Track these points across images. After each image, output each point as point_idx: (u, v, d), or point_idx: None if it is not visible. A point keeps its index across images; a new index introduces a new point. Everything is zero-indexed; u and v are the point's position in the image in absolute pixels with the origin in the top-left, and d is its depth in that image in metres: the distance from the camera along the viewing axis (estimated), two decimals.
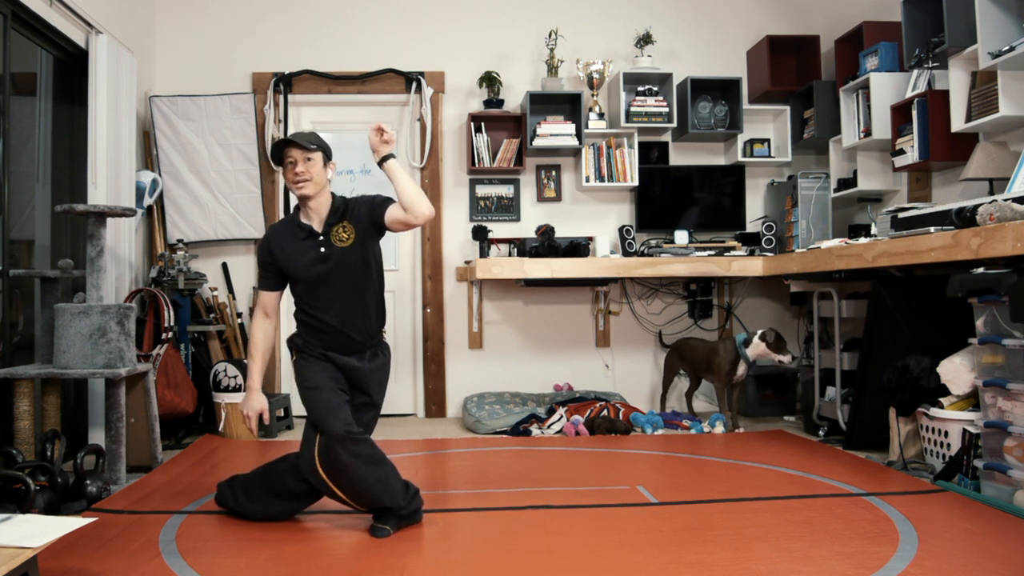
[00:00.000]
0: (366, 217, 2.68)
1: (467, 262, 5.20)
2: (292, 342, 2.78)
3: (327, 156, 2.73)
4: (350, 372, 2.70)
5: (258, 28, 5.22)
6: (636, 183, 5.14)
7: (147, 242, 4.97)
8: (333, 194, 2.74)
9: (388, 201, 2.67)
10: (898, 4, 4.11)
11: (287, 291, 2.81)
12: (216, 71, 5.15)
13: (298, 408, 5.14)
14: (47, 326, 3.56)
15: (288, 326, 2.83)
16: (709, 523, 2.68)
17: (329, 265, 2.66)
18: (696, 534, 2.56)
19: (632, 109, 5.07)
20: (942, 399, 3.30)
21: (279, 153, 2.68)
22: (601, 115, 5.16)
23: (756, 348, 4.37)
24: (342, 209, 2.70)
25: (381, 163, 2.63)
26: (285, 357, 5.20)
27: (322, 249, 2.66)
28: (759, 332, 4.39)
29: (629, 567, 2.28)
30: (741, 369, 4.46)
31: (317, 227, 2.69)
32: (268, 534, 2.64)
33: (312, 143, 2.66)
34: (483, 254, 4.96)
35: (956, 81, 3.73)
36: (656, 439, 4.28)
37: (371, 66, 5.20)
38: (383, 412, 2.74)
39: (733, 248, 4.94)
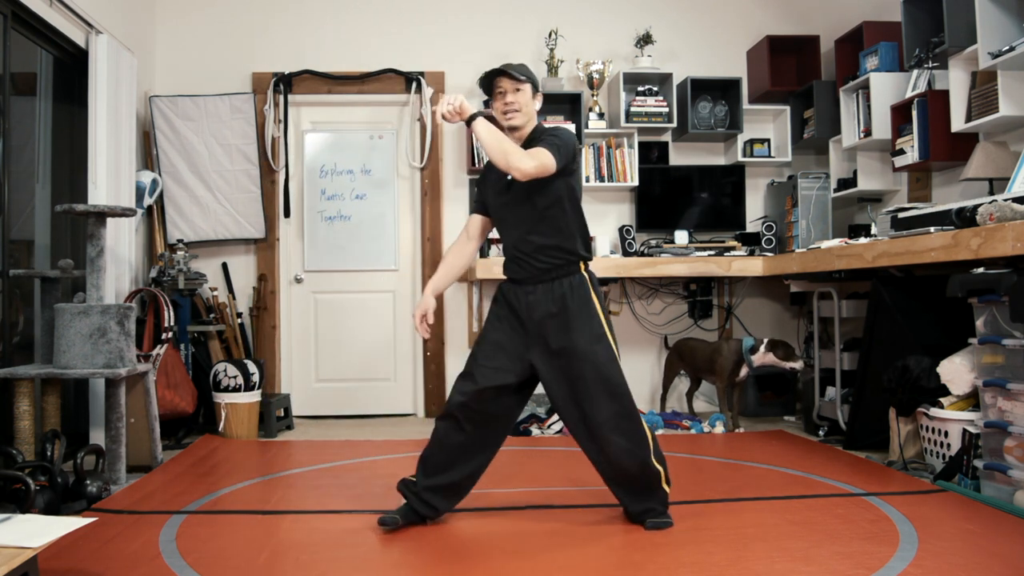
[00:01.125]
0: None
1: None
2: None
3: (535, 87, 2.72)
4: (533, 315, 2.61)
5: (258, 28, 5.23)
6: (636, 183, 5.14)
7: (147, 242, 4.97)
8: (538, 124, 2.71)
9: (546, 139, 2.59)
10: (898, 4, 4.11)
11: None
12: (216, 71, 5.15)
13: (298, 408, 5.15)
14: (47, 326, 3.56)
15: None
16: (709, 523, 2.68)
17: (511, 194, 2.66)
18: (696, 534, 2.56)
19: (632, 109, 5.07)
20: (942, 399, 3.30)
21: (488, 83, 2.68)
22: (601, 115, 5.16)
23: (763, 357, 4.36)
24: (533, 138, 2.66)
25: (468, 125, 2.58)
26: (285, 355, 5.20)
27: (508, 176, 2.63)
28: (765, 341, 4.37)
29: (629, 567, 2.28)
30: (744, 371, 4.46)
31: None
32: (268, 534, 2.64)
33: (522, 74, 2.66)
34: (483, 254, 4.95)
35: (956, 81, 3.73)
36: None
37: (371, 66, 5.20)
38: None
39: (733, 248, 4.94)
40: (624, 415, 2.57)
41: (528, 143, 2.64)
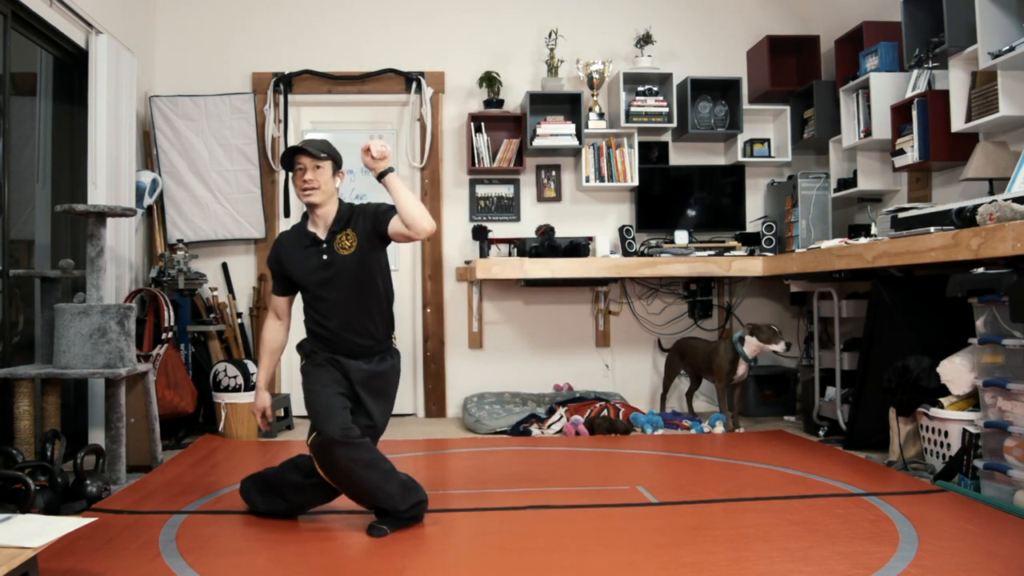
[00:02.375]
0: (369, 226, 2.69)
1: (467, 262, 5.20)
2: (301, 347, 2.81)
3: (337, 165, 2.73)
4: (356, 374, 2.69)
5: (258, 28, 5.22)
6: (636, 183, 5.14)
7: (147, 242, 4.97)
8: (341, 201, 2.76)
9: (392, 211, 2.65)
10: (898, 4, 4.11)
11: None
12: (216, 71, 5.15)
13: (298, 408, 5.14)
14: (47, 326, 3.56)
15: (297, 333, 2.85)
16: (709, 523, 2.68)
17: (331, 272, 2.68)
18: (696, 534, 2.56)
19: (632, 109, 5.07)
20: (942, 399, 3.30)
21: (289, 159, 2.69)
22: (601, 115, 5.16)
23: (751, 345, 4.38)
24: (347, 217, 2.71)
25: (380, 178, 2.62)
26: (285, 355, 5.19)
27: (324, 256, 2.68)
28: (747, 327, 4.40)
29: (629, 567, 2.28)
30: (742, 369, 4.46)
31: (321, 234, 2.71)
32: (268, 534, 2.64)
33: (322, 151, 2.66)
34: (483, 254, 4.96)
35: (956, 81, 3.73)
36: (656, 439, 4.28)
37: (371, 66, 5.20)
38: None
39: (733, 248, 4.94)
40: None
41: (348, 222, 2.69)
